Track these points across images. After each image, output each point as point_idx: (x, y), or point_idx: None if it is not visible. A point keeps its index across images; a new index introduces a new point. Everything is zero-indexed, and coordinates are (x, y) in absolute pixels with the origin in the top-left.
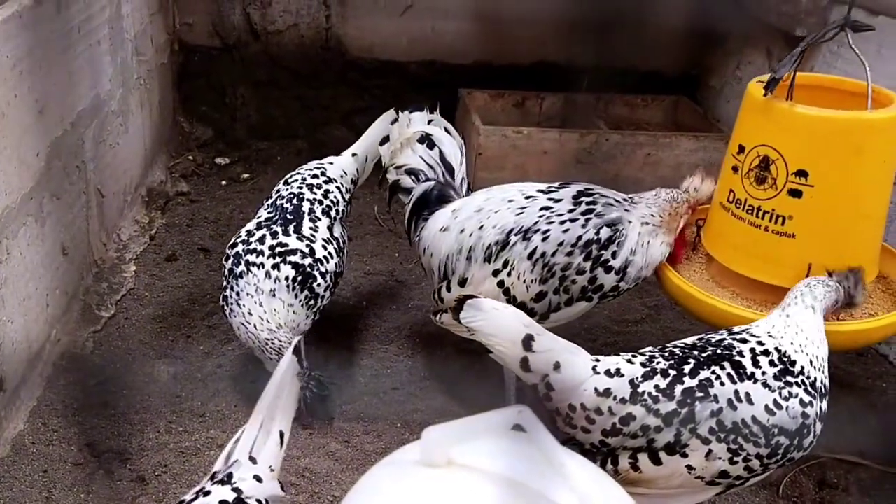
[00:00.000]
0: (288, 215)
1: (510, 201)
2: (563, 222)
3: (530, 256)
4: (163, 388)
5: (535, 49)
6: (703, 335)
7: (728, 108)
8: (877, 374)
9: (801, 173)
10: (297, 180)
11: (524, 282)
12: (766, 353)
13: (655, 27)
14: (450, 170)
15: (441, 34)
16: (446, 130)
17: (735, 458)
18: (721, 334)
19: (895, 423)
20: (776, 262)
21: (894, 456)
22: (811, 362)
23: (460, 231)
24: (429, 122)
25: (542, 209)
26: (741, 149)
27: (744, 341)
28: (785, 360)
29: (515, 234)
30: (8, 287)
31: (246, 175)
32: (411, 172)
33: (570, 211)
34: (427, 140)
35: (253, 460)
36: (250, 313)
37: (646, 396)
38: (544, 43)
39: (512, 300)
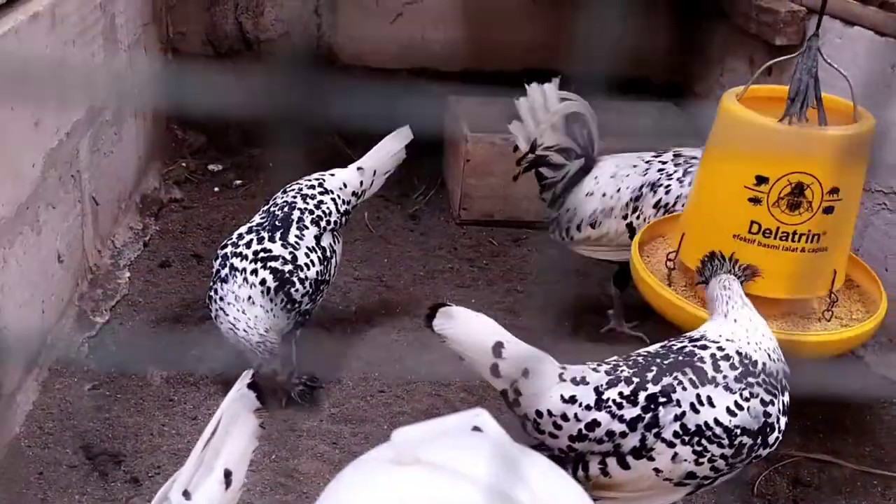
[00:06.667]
0: (277, 222)
1: (634, 167)
2: (679, 180)
3: (655, 205)
4: (156, 392)
5: (524, 56)
6: (665, 343)
7: (713, 115)
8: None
9: (834, 191)
10: (294, 189)
11: (646, 221)
12: (726, 357)
13: (641, 33)
14: (593, 144)
15: (431, 42)
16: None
17: (700, 460)
18: (682, 341)
19: (868, 421)
20: (811, 276)
21: (867, 454)
22: (769, 356)
23: (602, 195)
24: (561, 99)
25: (658, 170)
26: (761, 180)
27: (704, 347)
28: (746, 361)
29: (646, 188)
30: (5, 294)
31: (238, 182)
32: (562, 151)
33: (675, 170)
34: (579, 120)
35: (187, 495)
36: (237, 320)
37: (610, 403)
38: (533, 50)
39: (631, 234)
